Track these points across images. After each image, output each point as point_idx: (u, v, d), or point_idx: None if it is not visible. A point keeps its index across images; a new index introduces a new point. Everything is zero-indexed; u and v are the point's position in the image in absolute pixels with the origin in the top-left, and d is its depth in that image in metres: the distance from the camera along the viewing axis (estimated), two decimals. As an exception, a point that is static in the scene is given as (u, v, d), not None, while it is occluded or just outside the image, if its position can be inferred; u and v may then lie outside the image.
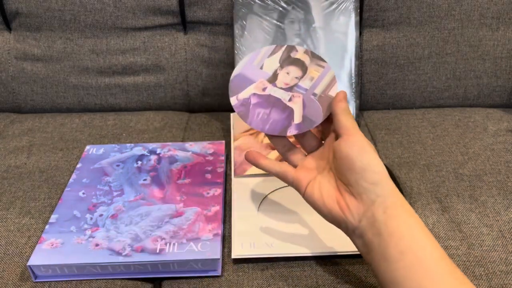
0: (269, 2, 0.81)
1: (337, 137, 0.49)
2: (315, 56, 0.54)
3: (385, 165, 0.71)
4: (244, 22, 0.82)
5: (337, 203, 0.47)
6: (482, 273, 0.55)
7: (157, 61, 0.88)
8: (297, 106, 0.52)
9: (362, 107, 0.90)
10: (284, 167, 0.52)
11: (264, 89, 0.53)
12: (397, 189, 0.46)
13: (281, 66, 0.54)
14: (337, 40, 0.81)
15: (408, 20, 0.84)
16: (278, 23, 0.81)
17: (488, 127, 0.80)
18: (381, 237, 0.43)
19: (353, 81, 0.82)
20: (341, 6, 0.81)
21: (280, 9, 0.81)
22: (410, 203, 0.64)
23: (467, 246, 0.58)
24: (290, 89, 0.53)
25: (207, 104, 0.92)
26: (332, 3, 0.81)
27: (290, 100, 0.52)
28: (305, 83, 0.53)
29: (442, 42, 0.85)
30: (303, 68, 0.53)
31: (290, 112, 0.52)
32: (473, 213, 0.62)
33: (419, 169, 0.71)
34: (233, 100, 0.53)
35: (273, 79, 0.53)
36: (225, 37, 0.87)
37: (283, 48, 0.54)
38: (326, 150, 0.51)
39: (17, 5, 0.85)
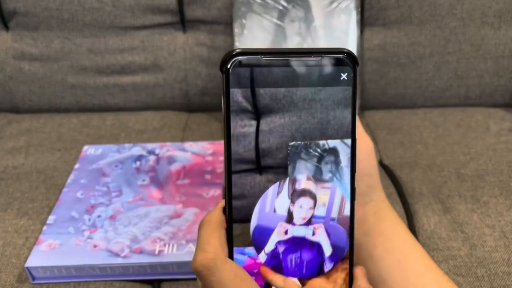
0: (269, 1, 0.80)
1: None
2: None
3: (386, 165, 0.72)
4: (244, 21, 0.81)
5: None
6: (484, 274, 0.54)
7: (156, 61, 0.88)
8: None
9: (363, 107, 0.89)
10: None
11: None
12: (386, 198, 0.48)
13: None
14: (337, 39, 0.81)
15: (409, 18, 0.83)
16: (278, 22, 0.81)
17: (490, 126, 0.80)
18: (369, 237, 0.45)
19: (354, 80, 0.81)
20: (341, 5, 0.80)
21: (280, 7, 0.80)
22: (412, 204, 0.64)
23: (469, 247, 0.58)
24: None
25: (207, 104, 0.91)
26: (332, 2, 0.80)
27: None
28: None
29: (443, 41, 0.84)
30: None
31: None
32: (475, 214, 0.62)
33: (420, 170, 0.71)
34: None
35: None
36: (225, 36, 0.86)
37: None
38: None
39: (15, 4, 0.84)
